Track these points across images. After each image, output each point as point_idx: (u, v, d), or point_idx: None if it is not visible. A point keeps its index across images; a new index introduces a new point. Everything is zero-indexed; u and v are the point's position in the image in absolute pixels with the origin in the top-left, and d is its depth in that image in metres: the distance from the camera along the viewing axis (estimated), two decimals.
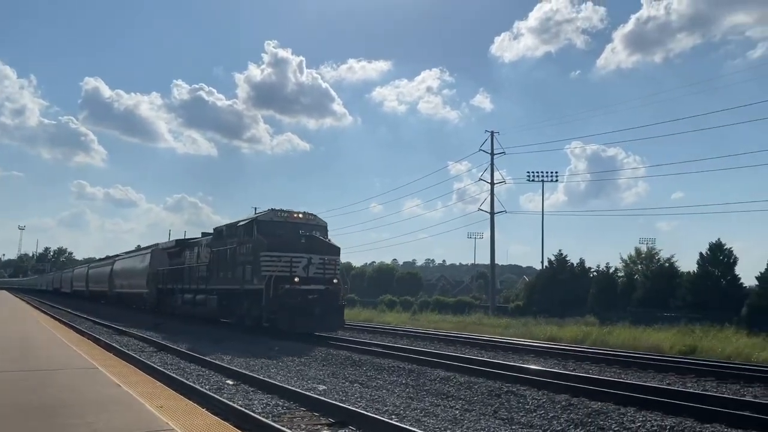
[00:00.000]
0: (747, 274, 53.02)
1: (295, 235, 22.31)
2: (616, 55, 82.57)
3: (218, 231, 27.05)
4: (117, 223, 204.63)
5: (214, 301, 25.67)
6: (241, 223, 23.80)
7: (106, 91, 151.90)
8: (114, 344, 17.97)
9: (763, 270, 33.31)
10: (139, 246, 53.48)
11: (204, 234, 32.77)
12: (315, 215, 23.96)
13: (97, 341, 17.98)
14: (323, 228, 23.75)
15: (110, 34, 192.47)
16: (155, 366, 13.08)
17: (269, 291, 20.87)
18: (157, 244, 38.87)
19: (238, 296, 23.66)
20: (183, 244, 33.04)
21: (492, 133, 47.97)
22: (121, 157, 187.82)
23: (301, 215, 23.43)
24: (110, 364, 10.93)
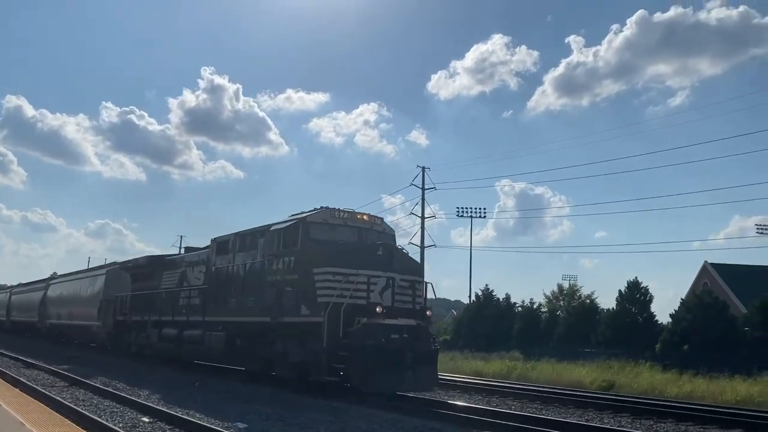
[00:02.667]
0: (662, 312, 54.92)
1: (366, 245, 15.34)
2: (546, 97, 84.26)
3: (222, 242, 19.69)
4: (33, 248, 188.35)
5: (220, 339, 18.16)
6: (276, 227, 16.57)
7: (30, 111, 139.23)
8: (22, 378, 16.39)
9: (676, 308, 34.69)
10: (92, 265, 44.28)
11: (189, 249, 25.05)
12: (382, 219, 17.04)
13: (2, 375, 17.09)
14: (392, 238, 16.87)
15: (36, 51, 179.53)
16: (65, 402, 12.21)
17: (335, 326, 13.75)
18: (115, 263, 30.62)
19: (266, 333, 16.33)
20: (158, 262, 25.17)
21: (423, 168, 47.51)
22: (42, 180, 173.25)
23: (366, 217, 16.48)
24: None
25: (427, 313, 14.92)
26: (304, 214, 16.03)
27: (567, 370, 25.38)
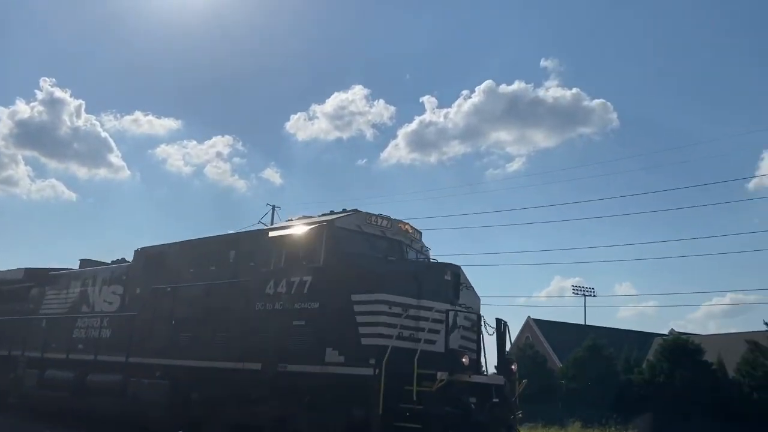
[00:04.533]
0: None
1: (430, 265, 10.78)
2: (398, 150, 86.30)
3: (157, 254, 14.26)
4: None
5: (160, 391, 12.54)
6: (277, 233, 11.55)
7: None
8: None
9: None
10: None
11: (86, 262, 18.68)
12: (421, 234, 12.48)
13: None
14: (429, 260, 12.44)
15: None
16: None
17: (397, 383, 9.05)
18: None
19: (250, 387, 11.12)
20: (37, 277, 18.49)
21: (273, 207, 43.92)
22: None
23: (410, 228, 11.90)
24: None
25: (513, 367, 10.53)
26: (328, 216, 11.18)
27: None
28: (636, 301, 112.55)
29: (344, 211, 11.31)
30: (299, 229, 11.19)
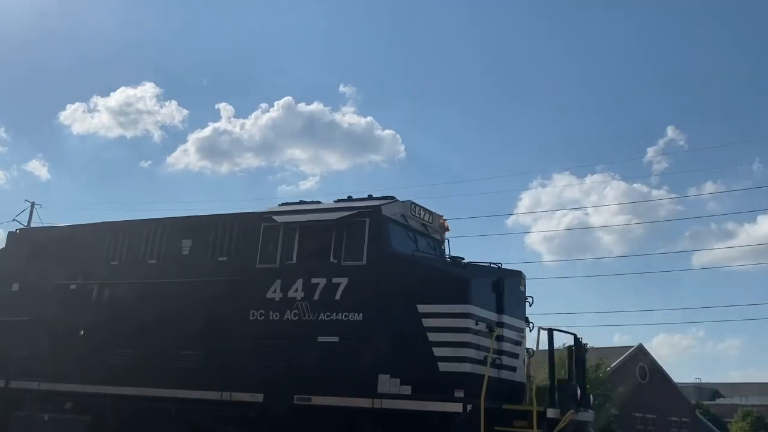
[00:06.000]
0: None
1: (500, 270, 8.58)
2: (187, 156, 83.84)
3: (46, 239, 10.61)
4: None
5: (75, 430, 8.81)
6: (295, 219, 8.62)
7: None
8: None
9: None
10: None
11: None
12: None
13: None
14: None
15: None
16: None
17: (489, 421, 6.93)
18: None
19: (237, 427, 8.11)
20: None
21: (33, 203, 40.61)
22: None
23: (447, 225, 9.63)
24: None
25: (591, 399, 8.73)
26: (368, 201, 8.57)
27: None
28: None
29: (385, 199, 8.72)
30: (324, 216, 8.46)
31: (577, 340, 8.39)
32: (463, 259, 8.36)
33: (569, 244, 62.91)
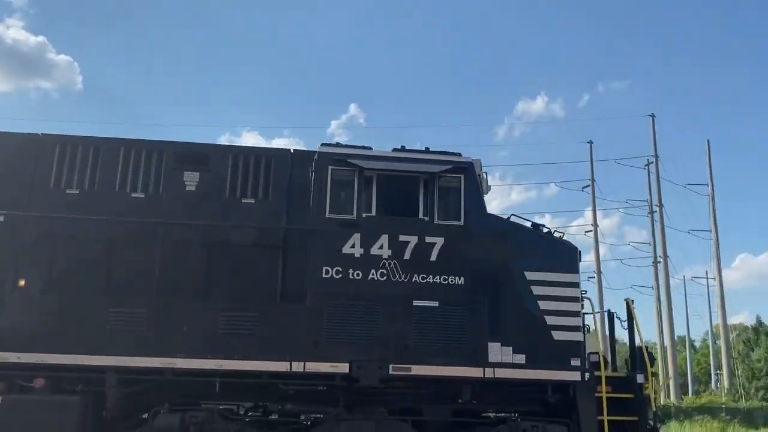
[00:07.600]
0: None
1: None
2: None
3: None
4: None
5: (63, 410, 6.61)
6: (372, 164, 7.42)
7: None
8: None
9: None
10: None
11: None
12: None
13: None
14: None
15: None
16: None
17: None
18: None
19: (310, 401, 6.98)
20: None
21: None
22: None
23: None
24: None
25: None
26: (439, 156, 7.71)
27: None
28: None
29: (462, 157, 7.92)
30: (413, 166, 7.49)
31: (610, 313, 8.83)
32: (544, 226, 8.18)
33: None
